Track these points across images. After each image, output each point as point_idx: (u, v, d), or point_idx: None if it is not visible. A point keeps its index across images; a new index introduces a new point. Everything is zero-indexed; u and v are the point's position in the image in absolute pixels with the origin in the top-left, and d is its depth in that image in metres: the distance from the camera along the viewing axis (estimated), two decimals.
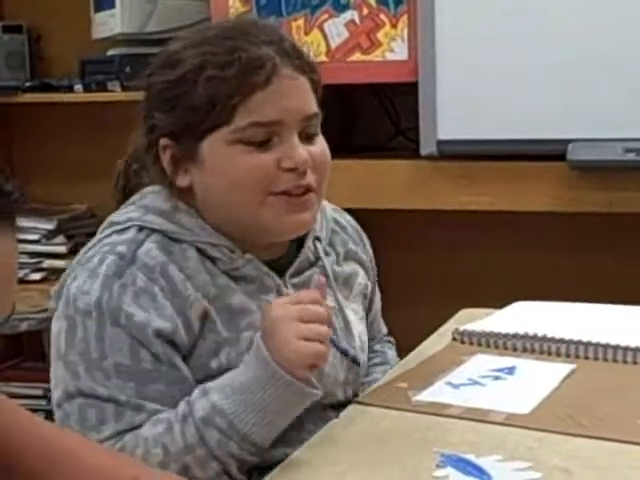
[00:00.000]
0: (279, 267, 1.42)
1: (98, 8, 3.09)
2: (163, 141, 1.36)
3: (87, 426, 1.27)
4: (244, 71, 1.31)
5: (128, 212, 1.39)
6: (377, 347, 1.67)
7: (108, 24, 3.03)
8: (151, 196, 1.40)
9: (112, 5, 2.99)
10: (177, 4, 3.03)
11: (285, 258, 1.44)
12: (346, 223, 1.59)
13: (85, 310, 1.29)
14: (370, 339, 1.60)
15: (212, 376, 1.31)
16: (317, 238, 1.48)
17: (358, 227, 1.62)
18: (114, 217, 1.40)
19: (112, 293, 1.29)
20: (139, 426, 1.27)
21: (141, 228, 1.35)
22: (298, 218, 1.37)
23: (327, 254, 1.50)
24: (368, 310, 1.61)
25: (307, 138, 1.36)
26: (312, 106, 1.37)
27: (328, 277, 1.45)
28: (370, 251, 1.62)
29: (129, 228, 1.35)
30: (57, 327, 1.33)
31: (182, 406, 1.27)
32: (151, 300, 1.29)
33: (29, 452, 1.07)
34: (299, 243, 1.46)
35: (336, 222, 1.56)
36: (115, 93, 3.03)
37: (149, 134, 1.38)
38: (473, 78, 2.47)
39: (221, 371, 1.32)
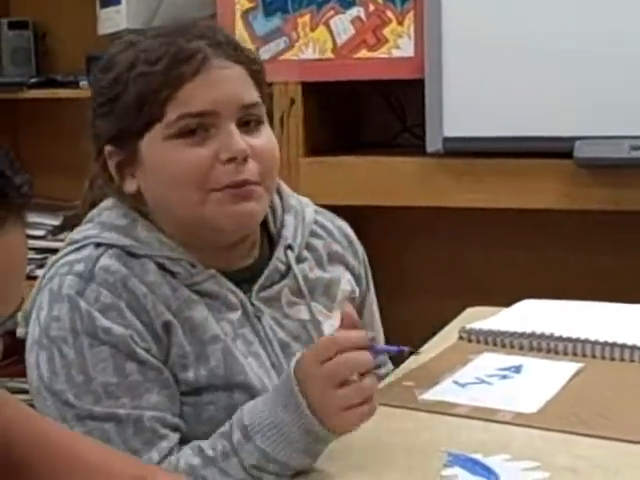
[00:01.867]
0: (248, 279, 1.37)
1: (104, 4, 3.08)
2: (107, 148, 1.34)
3: None
4: (172, 64, 1.28)
5: (86, 229, 1.35)
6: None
7: (114, 20, 3.02)
8: (107, 212, 1.36)
9: (118, 1, 2.98)
10: (183, 0, 3.02)
11: (254, 268, 1.39)
12: (333, 227, 1.51)
13: (60, 337, 1.26)
14: None
15: (183, 392, 1.29)
16: (289, 247, 1.41)
17: (350, 233, 1.54)
18: (73, 235, 1.36)
19: (82, 312, 1.26)
20: (158, 440, 1.24)
21: (98, 245, 1.31)
22: (243, 207, 1.30)
23: (302, 260, 1.43)
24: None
25: (247, 129, 1.32)
26: (249, 96, 1.33)
27: (301, 289, 1.40)
28: (364, 260, 1.55)
29: (86, 246, 1.32)
30: (33, 358, 1.30)
31: (219, 441, 1.21)
32: (119, 316, 1.26)
33: (28, 446, 1.06)
34: (270, 253, 1.41)
35: (321, 225, 1.49)
36: None
37: (95, 143, 1.35)
38: (479, 75, 2.46)
39: (191, 388, 1.29)
